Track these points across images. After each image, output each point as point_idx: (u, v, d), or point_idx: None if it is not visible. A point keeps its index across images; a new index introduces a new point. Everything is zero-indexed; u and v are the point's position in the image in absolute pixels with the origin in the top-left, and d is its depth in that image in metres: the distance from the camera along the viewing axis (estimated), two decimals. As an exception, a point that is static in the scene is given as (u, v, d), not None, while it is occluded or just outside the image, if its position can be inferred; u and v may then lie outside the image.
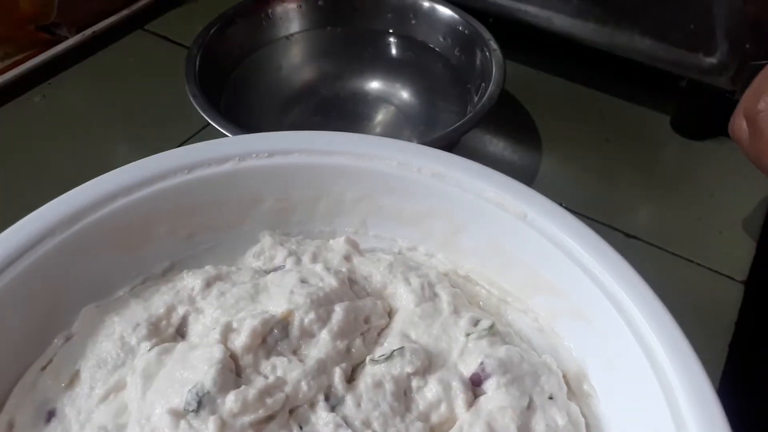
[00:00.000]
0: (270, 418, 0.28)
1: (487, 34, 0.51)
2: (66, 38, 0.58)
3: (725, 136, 0.56)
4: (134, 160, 0.37)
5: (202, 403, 0.27)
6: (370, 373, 0.31)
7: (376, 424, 0.28)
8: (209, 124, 0.46)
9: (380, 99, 0.54)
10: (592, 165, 0.54)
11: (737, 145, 0.42)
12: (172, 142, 0.53)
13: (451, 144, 0.46)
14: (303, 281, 0.34)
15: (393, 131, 0.51)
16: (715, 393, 0.27)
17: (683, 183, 0.53)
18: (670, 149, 0.56)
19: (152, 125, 0.54)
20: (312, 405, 0.29)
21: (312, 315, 0.32)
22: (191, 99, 0.45)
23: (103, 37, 0.61)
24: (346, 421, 0.28)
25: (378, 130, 0.52)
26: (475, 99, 0.47)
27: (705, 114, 0.56)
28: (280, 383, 0.29)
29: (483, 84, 0.47)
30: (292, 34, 0.54)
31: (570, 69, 0.61)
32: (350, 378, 0.31)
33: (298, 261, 0.37)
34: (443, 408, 0.30)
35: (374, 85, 0.54)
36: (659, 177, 0.53)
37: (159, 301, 0.34)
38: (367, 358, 0.32)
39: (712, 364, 0.39)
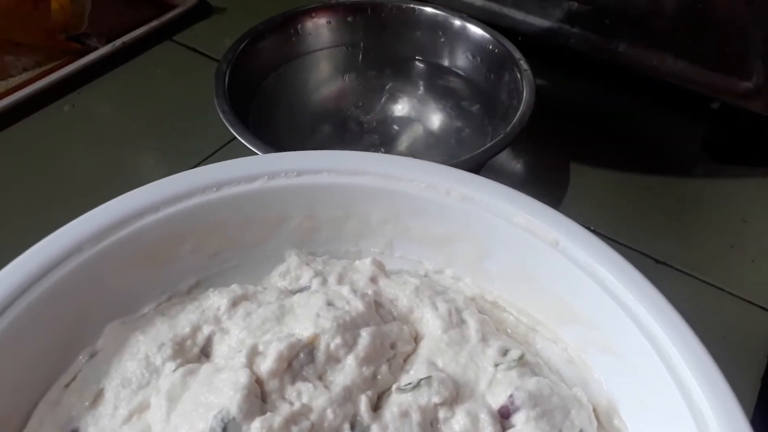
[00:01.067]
0: (296, 447, 0.27)
1: (517, 53, 0.50)
2: (96, 48, 0.59)
3: (758, 160, 0.55)
4: (161, 171, 0.37)
5: (227, 429, 0.27)
6: (396, 402, 0.30)
7: (403, 456, 0.28)
8: (234, 139, 0.46)
9: (407, 119, 0.54)
10: (621, 187, 0.53)
11: None
12: (199, 155, 0.53)
13: (479, 165, 0.45)
14: (329, 304, 0.34)
15: (420, 152, 0.51)
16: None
17: (714, 208, 0.52)
18: (700, 173, 0.55)
19: (179, 137, 0.55)
20: (338, 434, 0.28)
21: (338, 339, 0.31)
22: (221, 115, 0.45)
23: (133, 48, 0.61)
24: (372, 452, 0.28)
25: (404, 150, 0.52)
26: (505, 120, 0.47)
27: (738, 137, 0.55)
28: (305, 410, 0.28)
29: (513, 103, 0.47)
30: (320, 49, 0.54)
31: (600, 88, 0.60)
32: (376, 406, 0.30)
33: (324, 282, 0.37)
34: (471, 440, 0.30)
35: (402, 104, 0.54)
36: (690, 201, 0.52)
37: (184, 320, 0.34)
38: (393, 387, 0.31)
39: (743, 397, 0.38)
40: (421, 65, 0.55)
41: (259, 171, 0.38)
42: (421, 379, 0.31)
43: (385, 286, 0.37)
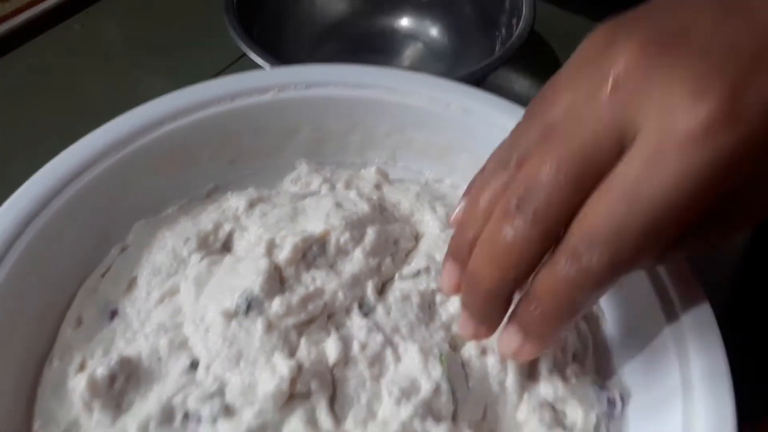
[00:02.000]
0: (310, 322, 0.31)
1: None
2: (102, -33, 0.60)
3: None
4: (170, 89, 0.39)
5: (251, 306, 0.31)
6: (398, 287, 0.34)
7: (403, 330, 0.31)
8: (243, 55, 0.48)
9: (409, 36, 0.55)
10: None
11: None
12: (207, 72, 0.55)
13: (478, 81, 0.47)
14: (338, 205, 0.37)
15: (421, 67, 0.53)
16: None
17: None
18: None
19: (189, 55, 0.56)
20: (347, 312, 0.32)
21: (347, 235, 0.35)
22: (231, 31, 0.47)
23: (139, -33, 0.62)
24: (377, 326, 0.31)
25: (406, 65, 0.54)
26: (504, 37, 0.48)
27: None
28: (319, 292, 0.32)
29: (513, 21, 0.48)
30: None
31: (599, 10, 0.61)
32: (380, 291, 0.34)
33: (332, 187, 0.40)
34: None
35: (404, 22, 0.55)
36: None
37: (206, 218, 0.37)
38: (396, 275, 0.35)
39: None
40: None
41: (270, 83, 0.40)
42: (420, 269, 0.34)
43: (388, 192, 0.40)
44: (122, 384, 0.30)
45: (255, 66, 0.47)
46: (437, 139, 0.41)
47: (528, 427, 0.30)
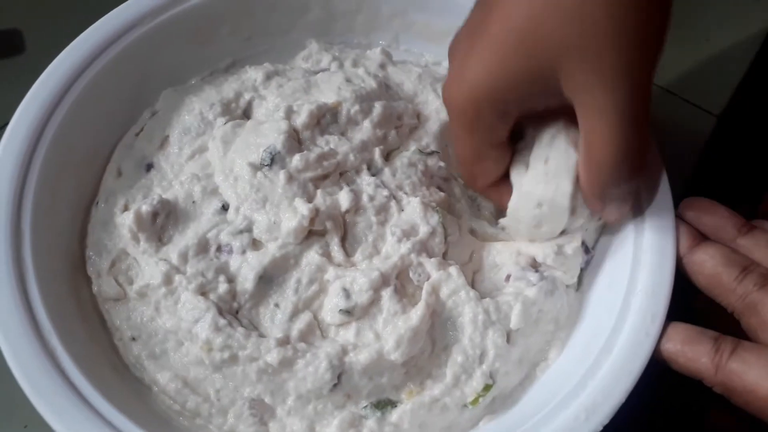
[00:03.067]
0: (325, 177, 0.36)
1: None
2: None
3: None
4: None
5: (274, 159, 0.35)
6: (407, 155, 0.38)
7: (407, 188, 0.36)
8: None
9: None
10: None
11: None
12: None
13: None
14: (348, 80, 0.40)
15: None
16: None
17: (684, 28, 0.58)
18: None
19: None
20: (357, 171, 0.37)
21: (357, 107, 0.39)
22: None
23: None
24: (384, 184, 0.36)
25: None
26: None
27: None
28: (333, 153, 0.36)
29: None
30: None
31: None
32: (386, 159, 0.39)
33: (341, 65, 0.44)
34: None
35: None
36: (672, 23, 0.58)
37: (228, 87, 0.41)
38: (413, 147, 0.39)
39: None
40: None
41: (284, -38, 0.43)
42: (434, 151, 0.39)
43: (392, 73, 0.44)
44: (163, 220, 0.35)
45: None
46: (436, 23, 0.45)
47: (506, 268, 0.35)
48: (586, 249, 0.36)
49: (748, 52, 0.56)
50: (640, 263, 0.33)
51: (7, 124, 0.46)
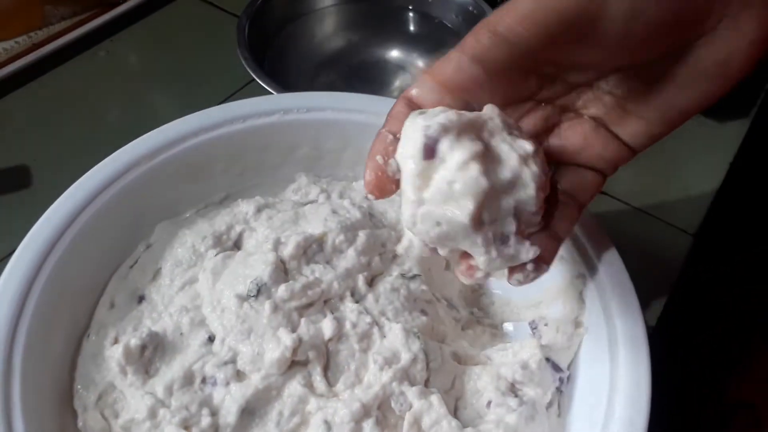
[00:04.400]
0: (309, 305, 0.37)
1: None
2: (126, 0, 0.67)
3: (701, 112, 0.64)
4: (185, 110, 0.46)
5: (260, 291, 0.37)
6: (389, 281, 0.40)
7: (389, 314, 0.38)
8: (251, 82, 0.55)
9: (398, 67, 0.62)
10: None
11: None
12: (217, 97, 0.61)
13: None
14: (334, 212, 0.43)
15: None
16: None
17: (660, 151, 0.61)
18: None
19: (202, 81, 0.63)
20: (341, 298, 0.38)
21: (341, 237, 0.41)
22: (243, 62, 0.53)
23: (158, 1, 0.69)
24: (366, 310, 0.37)
25: (395, 93, 0.61)
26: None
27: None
28: (317, 282, 0.38)
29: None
30: (326, 7, 0.62)
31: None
32: (370, 284, 0.40)
33: (329, 197, 0.46)
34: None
35: (394, 54, 0.63)
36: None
37: (220, 220, 0.43)
38: (395, 272, 0.41)
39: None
40: (411, 20, 0.63)
41: (276, 107, 0.47)
42: (416, 275, 0.41)
43: (376, 202, 0.47)
44: (151, 353, 0.36)
45: (262, 92, 0.54)
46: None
47: (487, 394, 0.36)
48: (555, 366, 0.36)
49: (718, 173, 0.60)
50: (617, 390, 0.33)
51: (13, 252, 0.48)
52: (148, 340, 0.36)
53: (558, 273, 0.41)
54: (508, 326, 0.42)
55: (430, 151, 0.27)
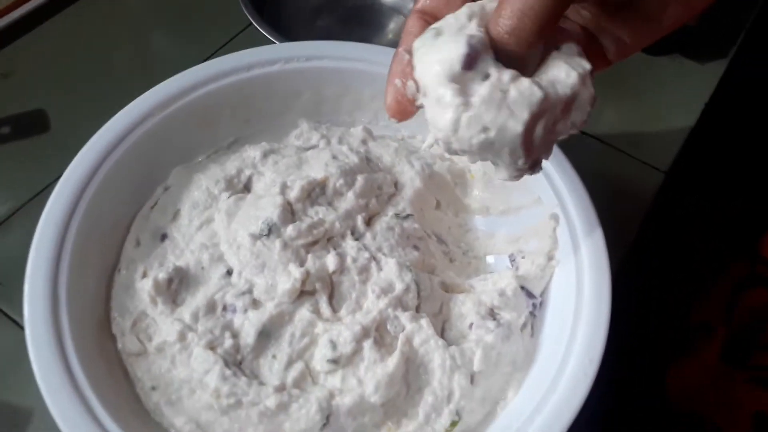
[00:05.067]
0: (315, 243, 0.42)
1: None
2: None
3: (677, 53, 0.67)
4: (188, 54, 0.49)
5: (271, 230, 0.41)
6: (385, 221, 0.45)
7: (385, 250, 0.43)
8: (250, 24, 0.58)
9: (393, 10, 0.65)
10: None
11: None
12: (220, 39, 0.64)
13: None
14: (334, 157, 0.47)
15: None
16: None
17: (639, 90, 0.65)
18: (632, 62, 0.67)
19: (202, 24, 0.65)
20: (342, 236, 0.43)
21: (341, 181, 0.45)
22: (243, 8, 0.56)
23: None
24: (365, 247, 0.42)
25: (390, 37, 0.63)
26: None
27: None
28: (321, 222, 0.43)
29: None
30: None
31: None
32: (368, 223, 0.45)
33: (328, 142, 0.50)
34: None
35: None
36: (621, 85, 0.65)
37: (230, 165, 0.47)
38: (390, 212, 0.45)
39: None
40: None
41: (278, 56, 0.50)
42: (409, 214, 0.45)
43: (372, 147, 0.51)
44: (177, 285, 0.41)
45: (262, 35, 0.57)
46: (413, 104, 0.52)
47: (469, 318, 0.41)
48: (529, 294, 0.42)
49: (694, 113, 0.63)
50: (580, 314, 0.39)
51: (36, 195, 0.53)
52: (174, 274, 0.41)
53: (535, 213, 0.46)
54: (490, 259, 0.47)
55: (470, 61, 0.26)
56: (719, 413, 0.55)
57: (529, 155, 0.27)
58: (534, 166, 0.29)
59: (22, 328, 0.39)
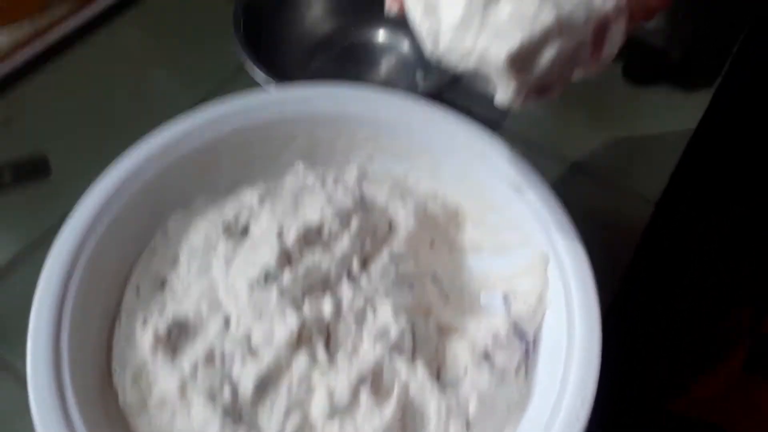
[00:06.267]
0: (311, 288, 0.43)
1: None
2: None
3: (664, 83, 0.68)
4: (186, 92, 0.49)
5: (268, 277, 0.42)
6: (380, 263, 0.45)
7: (381, 293, 0.44)
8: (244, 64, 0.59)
9: (386, 48, 0.66)
10: (552, 106, 0.66)
11: None
12: (214, 79, 0.65)
13: (437, 94, 0.58)
14: (329, 200, 0.48)
15: (394, 77, 0.64)
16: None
17: (625, 121, 0.66)
18: (618, 93, 0.68)
19: (200, 64, 0.67)
20: (338, 280, 0.44)
21: (337, 224, 0.46)
22: (238, 47, 0.57)
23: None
24: (361, 290, 0.43)
25: (382, 75, 0.65)
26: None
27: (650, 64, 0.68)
28: (317, 266, 0.44)
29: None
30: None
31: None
32: (363, 264, 0.46)
33: (324, 183, 0.51)
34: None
35: (380, 36, 0.66)
36: (607, 117, 0.66)
37: (229, 209, 0.48)
38: (386, 252, 0.46)
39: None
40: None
41: (274, 101, 0.51)
42: (402, 254, 0.46)
43: (367, 187, 0.52)
44: (176, 335, 0.42)
45: (257, 74, 0.58)
46: (404, 143, 0.52)
47: (464, 361, 0.42)
48: (521, 334, 0.42)
49: (681, 143, 0.64)
50: (572, 355, 0.39)
51: (35, 241, 0.54)
52: (173, 325, 0.42)
53: (526, 252, 0.46)
54: (484, 298, 0.48)
55: None
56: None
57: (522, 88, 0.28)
58: (542, 93, 0.29)
59: (21, 377, 0.39)
